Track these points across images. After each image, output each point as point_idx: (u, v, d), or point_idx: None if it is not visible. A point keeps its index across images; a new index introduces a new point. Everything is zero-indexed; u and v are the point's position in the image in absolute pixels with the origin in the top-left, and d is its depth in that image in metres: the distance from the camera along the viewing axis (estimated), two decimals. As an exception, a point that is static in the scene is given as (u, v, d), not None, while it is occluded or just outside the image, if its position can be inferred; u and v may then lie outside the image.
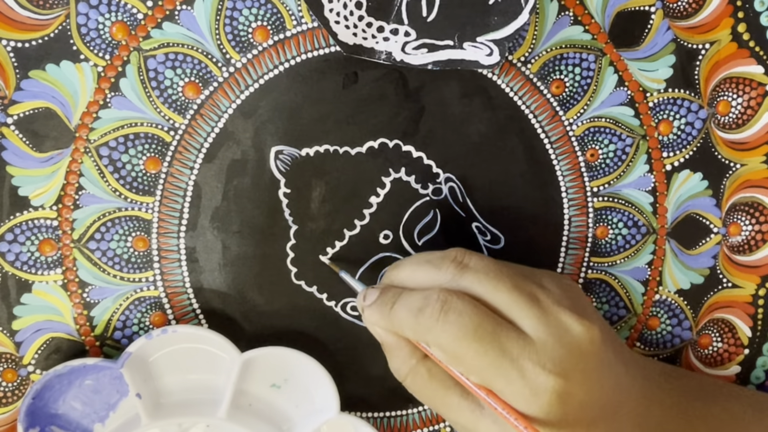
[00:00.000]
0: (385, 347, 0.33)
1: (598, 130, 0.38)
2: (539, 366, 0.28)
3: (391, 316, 0.31)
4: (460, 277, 0.31)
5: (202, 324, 0.38)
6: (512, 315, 0.30)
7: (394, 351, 0.33)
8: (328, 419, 0.37)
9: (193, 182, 0.36)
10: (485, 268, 0.31)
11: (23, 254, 0.35)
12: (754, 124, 0.39)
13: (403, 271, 0.33)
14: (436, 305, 0.30)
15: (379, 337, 0.33)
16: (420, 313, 0.30)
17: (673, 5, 0.37)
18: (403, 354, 0.32)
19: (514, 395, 0.29)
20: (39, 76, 0.34)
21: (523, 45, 0.37)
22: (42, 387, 0.35)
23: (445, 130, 0.37)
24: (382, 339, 0.33)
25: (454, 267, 0.31)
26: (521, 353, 0.29)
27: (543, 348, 0.29)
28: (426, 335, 0.30)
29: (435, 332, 0.30)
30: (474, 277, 0.31)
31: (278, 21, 0.35)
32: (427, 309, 0.30)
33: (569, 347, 0.29)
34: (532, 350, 0.29)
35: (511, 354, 0.29)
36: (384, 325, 0.32)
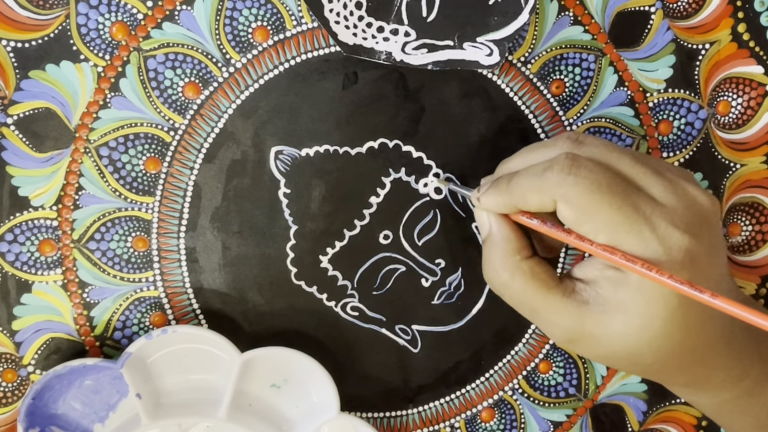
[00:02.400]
0: (490, 239, 0.32)
1: (598, 130, 0.38)
2: (672, 225, 0.28)
3: (510, 188, 0.30)
4: (578, 149, 0.30)
5: (202, 324, 0.38)
6: (640, 182, 0.29)
7: (499, 244, 0.32)
8: (328, 419, 0.37)
9: (193, 182, 0.36)
10: (604, 141, 0.31)
11: (23, 254, 0.35)
12: (754, 125, 0.39)
13: (515, 159, 0.33)
14: (566, 162, 0.29)
15: (487, 228, 0.32)
16: (546, 171, 0.29)
17: (673, 5, 0.37)
18: (509, 248, 0.31)
19: (646, 252, 0.28)
20: (39, 76, 0.34)
21: (523, 45, 0.37)
22: (42, 387, 0.35)
23: (445, 130, 0.37)
24: (492, 228, 0.32)
25: (571, 142, 0.31)
26: (653, 212, 0.28)
27: (674, 211, 0.28)
28: (555, 189, 0.29)
29: (566, 185, 0.28)
30: (594, 149, 0.30)
31: (278, 21, 0.35)
32: (555, 166, 0.29)
33: (698, 215, 0.29)
34: (664, 211, 0.28)
35: (644, 212, 0.28)
36: (500, 202, 0.31)
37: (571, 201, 0.28)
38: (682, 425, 0.42)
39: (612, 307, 0.29)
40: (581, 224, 0.29)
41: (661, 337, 0.29)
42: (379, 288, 0.38)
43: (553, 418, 0.41)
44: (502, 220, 0.32)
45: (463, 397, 0.40)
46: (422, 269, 0.39)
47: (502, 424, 0.41)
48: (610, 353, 0.30)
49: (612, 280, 0.29)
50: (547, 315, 0.31)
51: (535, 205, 0.30)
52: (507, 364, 0.40)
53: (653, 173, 0.30)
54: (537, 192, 0.29)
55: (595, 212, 0.28)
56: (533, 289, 0.31)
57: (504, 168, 0.33)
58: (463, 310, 0.39)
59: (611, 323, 0.29)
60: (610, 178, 0.28)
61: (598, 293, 0.30)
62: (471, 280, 0.39)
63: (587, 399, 0.41)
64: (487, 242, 0.33)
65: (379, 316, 0.39)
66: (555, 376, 0.41)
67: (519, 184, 0.30)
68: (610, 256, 0.28)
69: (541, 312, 0.31)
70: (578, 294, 0.30)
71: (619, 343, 0.29)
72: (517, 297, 0.31)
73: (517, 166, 0.32)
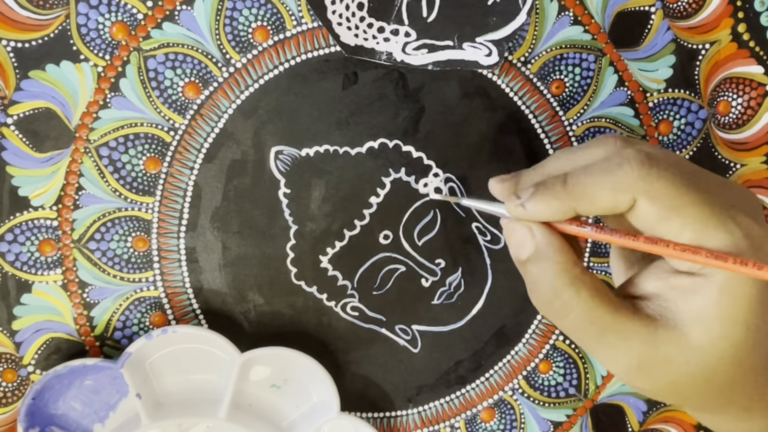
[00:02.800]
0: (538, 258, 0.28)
1: (598, 130, 0.38)
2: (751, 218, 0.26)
3: (569, 188, 0.27)
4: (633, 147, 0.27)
5: (202, 324, 0.38)
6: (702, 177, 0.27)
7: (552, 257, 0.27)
8: (328, 419, 0.37)
9: (193, 182, 0.36)
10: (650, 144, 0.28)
11: (23, 254, 0.35)
12: (754, 125, 0.39)
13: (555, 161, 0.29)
14: (638, 157, 0.26)
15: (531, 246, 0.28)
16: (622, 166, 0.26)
17: (673, 5, 0.37)
18: (565, 260, 0.27)
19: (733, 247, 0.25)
20: (39, 76, 0.34)
21: (523, 45, 0.37)
22: (42, 387, 0.35)
23: (445, 130, 0.37)
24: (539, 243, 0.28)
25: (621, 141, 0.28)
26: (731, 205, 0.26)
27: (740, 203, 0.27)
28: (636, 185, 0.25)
29: (650, 179, 0.25)
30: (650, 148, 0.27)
31: (278, 21, 0.35)
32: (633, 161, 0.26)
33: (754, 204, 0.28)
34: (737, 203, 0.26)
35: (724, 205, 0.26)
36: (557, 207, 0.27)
37: (655, 197, 0.25)
38: (682, 425, 0.42)
39: (687, 319, 0.26)
40: (666, 222, 0.26)
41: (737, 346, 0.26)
42: (379, 288, 0.38)
43: (553, 418, 0.41)
44: (550, 230, 0.28)
45: (463, 397, 0.40)
46: (422, 269, 0.39)
47: (502, 424, 0.41)
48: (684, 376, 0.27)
49: (683, 289, 0.26)
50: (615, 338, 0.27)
51: (605, 205, 0.26)
52: (507, 364, 0.40)
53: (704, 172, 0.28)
54: (612, 189, 0.26)
55: (682, 207, 0.25)
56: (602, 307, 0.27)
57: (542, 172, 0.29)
58: (463, 310, 0.39)
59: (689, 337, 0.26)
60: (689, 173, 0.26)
61: (666, 307, 0.27)
62: (471, 280, 0.39)
63: (587, 399, 0.41)
64: (534, 260, 0.28)
65: (379, 316, 0.39)
66: (555, 376, 0.41)
67: (584, 182, 0.26)
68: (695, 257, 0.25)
69: (608, 335, 0.27)
70: (643, 312, 0.27)
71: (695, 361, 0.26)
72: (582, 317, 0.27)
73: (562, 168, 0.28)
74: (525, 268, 0.29)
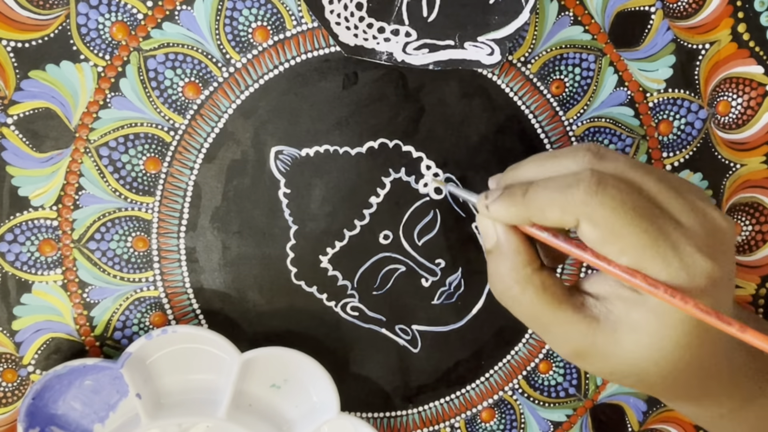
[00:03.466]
0: (498, 250, 0.31)
1: (598, 130, 0.38)
2: (697, 250, 0.27)
3: (526, 200, 0.29)
4: (600, 164, 0.29)
5: (202, 324, 0.38)
6: (663, 203, 0.28)
7: (508, 255, 0.30)
8: (328, 419, 0.37)
9: (193, 182, 0.36)
10: (625, 157, 0.30)
11: (23, 254, 0.35)
12: (754, 125, 0.39)
13: (526, 167, 0.31)
14: (592, 179, 0.27)
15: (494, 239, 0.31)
16: (571, 188, 0.28)
17: (673, 5, 0.37)
18: (519, 260, 0.30)
19: (669, 277, 0.27)
20: (39, 76, 0.34)
21: (523, 45, 0.37)
22: (42, 387, 0.35)
23: (445, 130, 0.37)
24: (500, 239, 0.31)
25: (592, 155, 0.29)
26: (679, 236, 0.27)
27: (698, 235, 0.28)
28: (579, 208, 0.27)
29: (592, 205, 0.27)
30: (617, 165, 0.29)
31: (278, 21, 0.35)
32: (581, 184, 0.27)
33: (719, 239, 0.28)
34: (688, 235, 0.27)
35: (670, 236, 0.27)
36: (514, 213, 0.30)
37: (596, 222, 0.27)
38: (682, 425, 0.42)
39: (624, 326, 0.29)
40: (605, 245, 0.28)
41: (669, 358, 0.29)
42: (379, 288, 0.38)
43: (553, 418, 0.41)
44: (511, 230, 0.31)
45: (463, 397, 0.40)
46: (422, 269, 0.39)
47: (502, 424, 0.41)
48: (617, 371, 0.30)
49: (626, 300, 0.29)
50: (557, 330, 0.30)
51: (554, 221, 0.29)
52: (507, 364, 0.40)
53: (676, 194, 0.29)
54: (559, 208, 0.28)
55: (622, 234, 0.27)
56: (544, 304, 0.30)
57: (515, 175, 0.32)
58: (463, 310, 0.39)
59: (622, 342, 0.29)
60: (636, 200, 0.28)
61: (610, 311, 0.29)
62: (471, 280, 0.39)
63: (587, 399, 0.41)
64: (494, 253, 0.31)
65: (379, 316, 0.39)
66: (555, 376, 0.41)
67: (538, 197, 0.29)
68: (631, 279, 0.27)
69: (551, 327, 0.30)
70: (588, 309, 0.30)
71: (628, 362, 0.29)
72: (528, 311, 0.30)
73: (530, 175, 0.31)
74: (487, 258, 0.32)
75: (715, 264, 0.27)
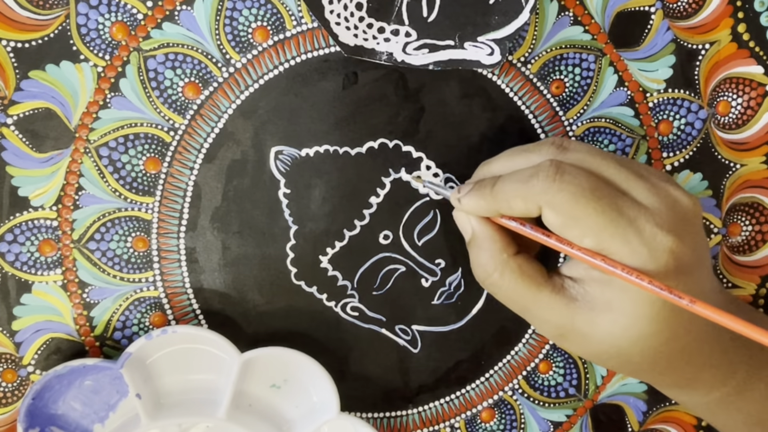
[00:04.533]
0: (474, 241, 0.33)
1: (598, 130, 0.38)
2: (657, 227, 0.28)
3: (493, 193, 0.31)
4: (562, 155, 0.31)
5: (202, 324, 0.38)
6: (623, 186, 0.30)
7: (484, 244, 0.32)
8: (327, 419, 0.37)
9: (193, 182, 0.36)
10: (587, 147, 0.31)
11: (23, 254, 0.35)
12: (754, 125, 0.39)
13: (497, 162, 0.33)
14: (550, 169, 0.29)
15: (470, 231, 0.33)
16: (532, 178, 0.29)
17: (673, 5, 0.37)
18: (495, 248, 0.32)
19: (631, 255, 0.28)
20: (39, 76, 0.34)
21: (523, 45, 0.37)
22: (42, 387, 0.35)
23: (445, 130, 0.37)
24: (475, 230, 0.32)
25: (555, 148, 0.31)
26: (638, 215, 0.28)
27: (658, 213, 0.29)
28: (540, 197, 0.29)
29: (551, 192, 0.29)
30: (578, 155, 0.31)
31: (278, 21, 0.35)
32: (541, 173, 0.29)
33: (681, 216, 0.30)
34: (648, 213, 0.29)
35: (629, 215, 0.28)
36: (483, 206, 0.32)
37: (556, 208, 0.29)
38: (682, 425, 0.42)
39: (599, 306, 0.30)
40: (567, 229, 0.29)
41: (647, 337, 0.29)
42: (379, 288, 0.38)
43: (553, 418, 0.41)
44: (484, 220, 0.32)
45: (463, 397, 0.40)
46: (422, 269, 0.39)
47: (502, 424, 0.41)
48: (600, 351, 0.31)
49: (598, 280, 0.30)
50: (538, 311, 0.31)
51: (519, 211, 0.30)
52: (507, 364, 0.40)
53: (636, 177, 0.30)
54: (522, 198, 0.30)
55: (581, 218, 0.29)
56: (523, 287, 0.31)
57: (485, 170, 0.34)
58: (463, 310, 0.39)
59: (599, 321, 0.30)
60: (594, 184, 0.29)
61: (587, 291, 0.30)
62: (471, 280, 0.39)
63: (587, 399, 0.41)
64: (472, 244, 0.33)
65: (379, 316, 0.39)
66: (555, 377, 0.41)
67: (503, 189, 0.30)
68: (590, 259, 0.29)
69: (532, 308, 0.31)
70: (567, 291, 0.31)
71: (608, 341, 0.30)
72: (508, 295, 0.32)
73: (500, 170, 0.32)
74: (468, 249, 0.33)
75: (676, 239, 0.28)
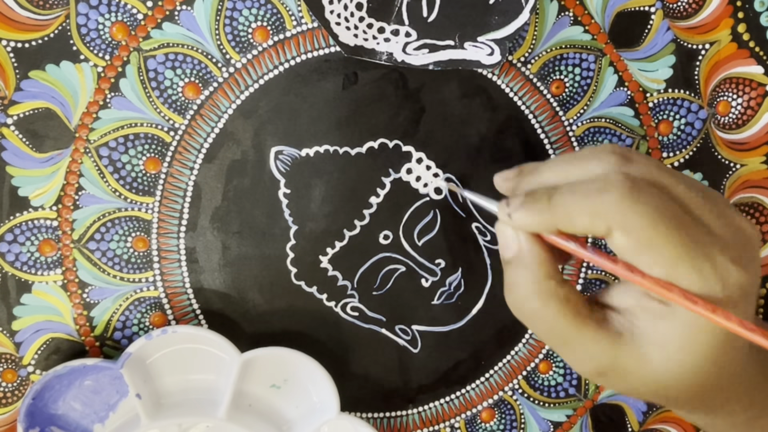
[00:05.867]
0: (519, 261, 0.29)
1: (598, 130, 0.38)
2: (729, 258, 0.26)
3: (552, 207, 0.27)
4: (627, 168, 0.27)
5: (201, 324, 0.38)
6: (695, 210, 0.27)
7: (531, 266, 0.28)
8: (327, 419, 0.37)
9: (193, 182, 0.36)
10: (654, 161, 0.28)
11: (23, 254, 0.35)
12: (754, 125, 0.39)
13: (548, 170, 0.29)
14: (625, 184, 0.26)
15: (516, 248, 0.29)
16: (602, 193, 0.26)
17: (673, 5, 0.37)
18: (542, 272, 0.28)
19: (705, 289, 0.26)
20: (39, 76, 0.34)
21: (523, 45, 0.37)
22: (42, 387, 0.35)
23: (445, 130, 0.37)
24: (523, 249, 0.29)
25: (618, 157, 0.28)
26: (712, 246, 0.26)
27: (726, 243, 0.26)
28: (612, 215, 0.26)
29: (626, 212, 0.25)
30: (646, 169, 0.27)
31: (278, 21, 0.35)
32: (613, 189, 0.26)
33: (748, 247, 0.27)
34: (720, 244, 0.26)
35: (704, 246, 0.26)
36: (539, 222, 0.28)
37: (630, 230, 0.26)
38: (682, 425, 0.42)
39: (650, 341, 0.27)
40: (637, 255, 0.26)
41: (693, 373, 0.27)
42: (379, 288, 0.38)
43: (553, 419, 0.41)
44: (534, 239, 0.29)
45: (463, 397, 0.40)
46: (422, 269, 0.39)
47: (502, 424, 0.41)
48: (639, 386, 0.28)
49: (653, 312, 0.27)
50: (579, 347, 0.28)
51: (583, 228, 0.27)
52: (507, 364, 0.40)
53: (706, 202, 0.27)
54: (590, 216, 0.26)
55: (657, 245, 0.26)
56: (567, 319, 0.28)
57: (535, 180, 0.30)
58: (463, 310, 0.39)
59: (648, 358, 0.27)
60: (671, 208, 0.26)
61: (634, 324, 0.28)
62: (471, 280, 0.39)
63: (587, 399, 0.41)
64: (515, 264, 0.29)
65: (379, 317, 0.39)
66: (555, 377, 0.41)
67: (566, 203, 0.27)
68: (668, 293, 0.26)
69: (573, 344, 0.28)
70: (611, 324, 0.28)
71: (651, 377, 0.28)
72: (548, 327, 0.28)
73: (553, 178, 0.29)
74: (506, 268, 0.30)
75: (746, 274, 0.26)
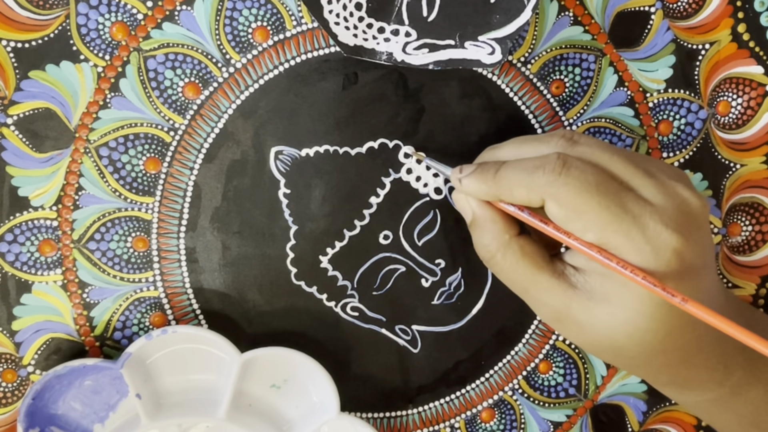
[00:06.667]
0: (475, 223, 0.33)
1: (598, 130, 0.38)
2: (661, 224, 0.28)
3: (496, 179, 0.31)
4: (571, 149, 0.31)
5: (202, 324, 0.38)
6: (631, 183, 0.30)
7: (486, 225, 0.32)
8: (327, 419, 0.37)
9: (193, 182, 0.36)
10: (597, 142, 0.31)
11: (23, 254, 0.35)
12: (754, 125, 0.39)
13: (505, 148, 0.33)
14: (557, 162, 0.29)
15: (470, 213, 0.33)
16: (537, 169, 0.29)
17: (673, 5, 0.37)
18: (496, 228, 0.32)
19: (634, 252, 0.28)
20: (39, 76, 0.34)
21: (523, 45, 0.37)
22: (42, 387, 0.35)
23: (445, 130, 0.37)
24: (476, 213, 0.33)
25: (565, 141, 0.31)
26: (643, 212, 0.28)
27: (664, 211, 0.29)
28: (544, 189, 0.29)
29: (556, 185, 0.29)
30: (588, 149, 0.31)
31: (278, 21, 0.35)
32: (547, 166, 0.29)
33: (687, 214, 0.29)
34: (654, 211, 0.29)
35: (633, 212, 0.28)
36: (484, 191, 0.32)
37: (560, 201, 0.29)
38: (682, 425, 0.42)
39: (598, 297, 0.30)
40: (569, 222, 0.29)
41: (644, 332, 0.29)
42: (379, 288, 0.38)
43: (553, 419, 0.41)
44: (483, 203, 0.32)
45: (463, 398, 0.40)
46: (422, 269, 0.39)
47: (502, 424, 0.41)
48: (595, 341, 0.31)
49: (599, 272, 0.30)
50: (537, 293, 0.31)
51: (521, 199, 0.30)
52: (507, 364, 0.40)
53: (644, 174, 0.30)
54: (526, 188, 0.30)
55: (584, 212, 0.29)
56: (524, 267, 0.31)
57: (491, 155, 0.33)
58: (463, 310, 0.39)
59: (596, 312, 0.30)
60: (600, 178, 0.29)
61: (586, 281, 0.30)
62: (471, 280, 0.39)
63: (587, 399, 0.41)
64: (473, 226, 0.33)
65: (379, 317, 0.39)
66: (555, 377, 0.41)
67: (507, 176, 0.30)
68: (589, 252, 0.29)
69: (531, 289, 0.32)
70: (567, 277, 0.31)
71: (604, 333, 0.30)
72: (509, 275, 0.32)
73: (507, 156, 0.32)
74: (470, 230, 0.34)
75: (681, 238, 0.28)
